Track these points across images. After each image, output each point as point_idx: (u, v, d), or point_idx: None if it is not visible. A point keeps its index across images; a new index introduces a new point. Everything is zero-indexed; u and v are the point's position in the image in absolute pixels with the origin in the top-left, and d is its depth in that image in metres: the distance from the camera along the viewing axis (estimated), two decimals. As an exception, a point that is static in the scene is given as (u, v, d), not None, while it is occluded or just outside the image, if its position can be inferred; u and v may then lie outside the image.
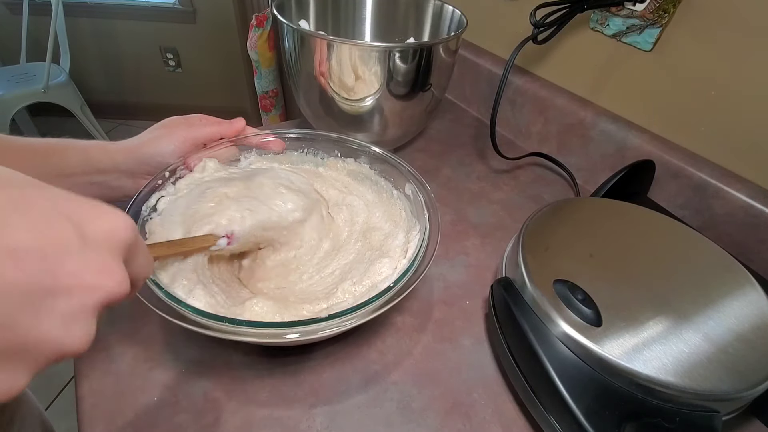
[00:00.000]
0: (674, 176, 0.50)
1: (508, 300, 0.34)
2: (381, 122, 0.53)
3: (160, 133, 0.40)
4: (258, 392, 0.34)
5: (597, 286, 0.33)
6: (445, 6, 0.59)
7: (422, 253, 0.35)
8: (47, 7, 1.57)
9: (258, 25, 1.54)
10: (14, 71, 1.76)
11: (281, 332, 0.29)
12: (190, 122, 0.41)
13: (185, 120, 0.42)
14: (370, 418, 0.33)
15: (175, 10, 2.00)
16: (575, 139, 0.59)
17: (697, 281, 0.35)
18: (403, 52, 0.46)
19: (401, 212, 0.42)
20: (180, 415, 0.32)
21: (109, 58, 2.16)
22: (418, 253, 0.35)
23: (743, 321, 0.31)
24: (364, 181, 0.46)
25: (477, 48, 0.73)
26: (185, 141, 0.40)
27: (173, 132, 0.40)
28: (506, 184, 0.59)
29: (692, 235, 0.40)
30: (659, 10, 0.47)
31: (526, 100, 0.65)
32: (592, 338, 0.30)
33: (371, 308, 0.31)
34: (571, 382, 0.29)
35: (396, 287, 0.32)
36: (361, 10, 0.64)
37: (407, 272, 0.33)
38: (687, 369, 0.28)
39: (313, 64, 0.49)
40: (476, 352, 0.39)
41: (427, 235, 0.36)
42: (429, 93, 0.53)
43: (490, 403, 0.35)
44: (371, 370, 0.36)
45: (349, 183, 0.46)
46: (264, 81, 1.68)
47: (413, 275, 0.33)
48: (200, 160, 0.41)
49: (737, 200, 0.45)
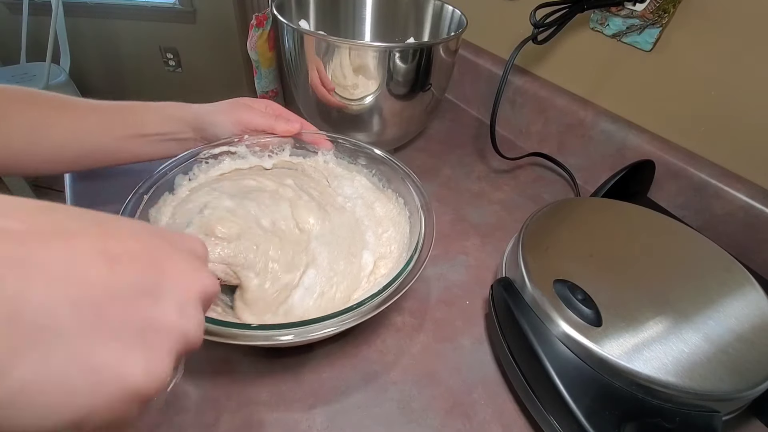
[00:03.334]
0: (674, 176, 0.50)
1: (508, 300, 0.34)
2: (381, 122, 0.53)
3: (223, 107, 0.42)
4: (258, 392, 0.34)
5: (597, 286, 0.33)
6: (445, 6, 0.59)
7: (417, 254, 0.35)
8: (47, 7, 1.57)
9: (258, 25, 1.53)
10: (14, 71, 1.76)
11: (274, 334, 0.28)
12: (252, 107, 0.43)
13: (251, 103, 0.44)
14: (370, 418, 0.33)
15: (175, 10, 2.00)
16: (575, 139, 0.59)
17: (697, 281, 0.35)
18: (403, 52, 0.46)
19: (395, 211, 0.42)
20: (180, 415, 0.32)
21: (109, 58, 2.16)
22: (413, 255, 0.34)
23: (743, 321, 0.31)
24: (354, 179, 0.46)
25: (477, 48, 0.73)
26: (239, 123, 0.42)
27: (233, 112, 0.42)
28: (506, 184, 0.59)
29: (692, 235, 0.40)
30: (659, 10, 0.47)
31: (526, 100, 0.65)
32: (592, 338, 0.30)
33: (363, 310, 0.30)
34: (571, 382, 0.29)
35: (391, 287, 0.32)
36: (361, 10, 0.64)
37: (402, 273, 0.32)
38: (687, 369, 0.28)
39: (312, 65, 0.49)
40: (476, 352, 0.39)
41: (423, 235, 0.36)
42: (429, 93, 0.53)
43: (490, 403, 0.35)
44: (371, 370, 0.36)
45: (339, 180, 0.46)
46: (264, 81, 1.68)
47: (408, 276, 0.33)
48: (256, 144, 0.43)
49: (737, 200, 0.45)
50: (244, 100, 0.44)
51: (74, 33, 1.86)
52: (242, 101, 0.44)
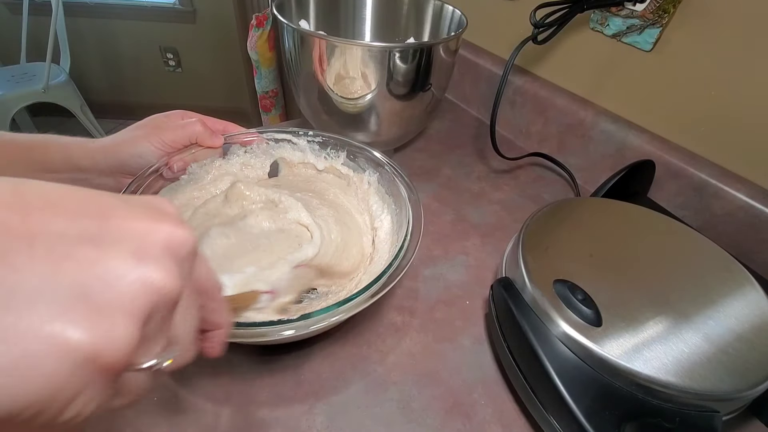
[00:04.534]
0: (674, 176, 0.50)
1: (508, 300, 0.34)
2: (381, 122, 0.53)
3: (139, 133, 0.39)
4: (258, 392, 0.34)
5: (597, 286, 0.33)
6: (445, 6, 0.59)
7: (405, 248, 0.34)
8: (47, 7, 1.57)
9: (258, 25, 1.53)
10: (14, 71, 1.76)
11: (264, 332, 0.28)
12: (170, 121, 0.40)
13: (166, 119, 0.41)
14: (370, 418, 0.33)
15: (175, 10, 2.00)
16: (575, 139, 0.59)
17: (697, 281, 0.35)
18: (403, 52, 0.46)
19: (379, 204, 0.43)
20: (180, 415, 0.32)
21: (109, 58, 2.16)
22: (400, 250, 0.34)
23: (743, 321, 0.31)
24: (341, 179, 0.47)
25: (477, 48, 0.73)
26: (164, 144, 0.39)
27: (153, 133, 0.39)
28: (506, 184, 0.59)
29: (692, 235, 0.40)
30: (659, 10, 0.47)
31: (526, 100, 0.65)
32: (592, 338, 0.30)
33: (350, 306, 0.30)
34: (571, 382, 0.29)
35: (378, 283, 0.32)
36: (361, 10, 0.64)
37: (390, 268, 0.32)
38: (687, 369, 0.28)
39: (313, 64, 0.49)
40: (476, 352, 0.39)
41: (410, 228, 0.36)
42: (429, 93, 0.53)
43: (490, 403, 0.35)
44: (371, 370, 0.36)
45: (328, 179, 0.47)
46: (264, 81, 1.68)
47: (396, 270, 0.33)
48: (182, 161, 0.40)
49: (737, 200, 0.45)
50: (156, 119, 0.40)
51: (74, 33, 1.87)
52: (156, 120, 0.40)
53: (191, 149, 0.41)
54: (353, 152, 0.46)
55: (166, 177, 0.40)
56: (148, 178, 0.38)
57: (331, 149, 0.46)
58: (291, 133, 0.46)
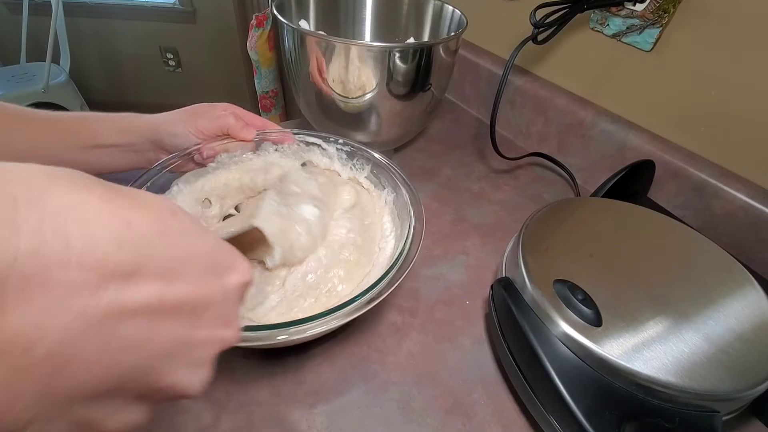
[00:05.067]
0: (674, 176, 0.50)
1: (508, 300, 0.34)
2: (381, 122, 0.53)
3: (180, 117, 0.42)
4: (258, 392, 0.34)
5: (597, 286, 0.33)
6: (445, 6, 0.59)
7: (406, 250, 0.34)
8: (47, 7, 1.57)
9: (258, 25, 1.53)
10: (14, 71, 1.76)
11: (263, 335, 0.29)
12: (211, 111, 0.43)
13: (209, 108, 0.43)
14: (370, 418, 0.33)
15: (175, 10, 2.00)
16: (575, 139, 0.59)
17: (697, 281, 0.35)
18: (403, 52, 0.46)
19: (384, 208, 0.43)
20: (180, 415, 0.32)
21: (109, 58, 2.16)
22: (401, 252, 0.34)
23: (743, 321, 0.31)
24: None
25: (477, 48, 0.73)
26: (197, 130, 0.41)
27: (190, 119, 0.42)
28: (506, 184, 0.59)
29: (692, 235, 0.40)
30: (659, 10, 0.47)
31: (526, 100, 0.65)
32: (592, 338, 0.30)
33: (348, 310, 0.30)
34: (571, 382, 0.29)
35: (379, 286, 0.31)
36: (361, 10, 0.64)
37: (391, 270, 0.32)
38: (687, 369, 0.28)
39: (313, 64, 0.49)
40: (476, 352, 0.39)
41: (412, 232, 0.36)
42: (429, 93, 0.53)
43: (490, 403, 0.35)
44: (371, 370, 0.36)
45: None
46: (264, 81, 1.68)
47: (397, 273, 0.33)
48: (213, 150, 0.42)
49: (737, 200, 0.45)
50: (201, 107, 0.43)
51: (74, 33, 1.87)
52: (200, 108, 0.43)
53: (224, 139, 0.43)
54: (376, 168, 0.45)
55: (196, 161, 0.42)
56: (181, 159, 0.41)
57: (357, 160, 0.46)
58: (322, 138, 0.46)
